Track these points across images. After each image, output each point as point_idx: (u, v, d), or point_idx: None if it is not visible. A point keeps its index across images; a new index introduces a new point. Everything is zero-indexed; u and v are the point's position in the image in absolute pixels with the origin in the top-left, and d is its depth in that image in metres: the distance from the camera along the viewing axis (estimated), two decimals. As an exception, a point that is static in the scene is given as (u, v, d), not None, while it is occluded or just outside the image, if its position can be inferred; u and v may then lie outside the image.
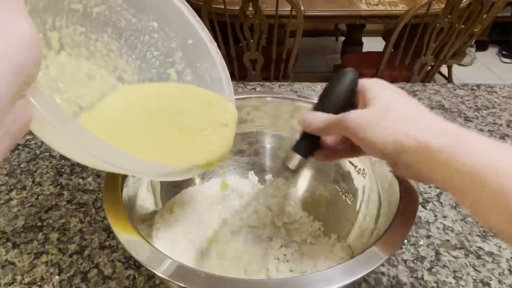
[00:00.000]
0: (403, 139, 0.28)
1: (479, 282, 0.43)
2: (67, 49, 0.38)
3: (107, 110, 0.39)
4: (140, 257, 0.31)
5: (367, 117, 0.29)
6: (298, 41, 1.46)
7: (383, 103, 0.30)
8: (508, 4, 1.82)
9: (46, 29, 0.35)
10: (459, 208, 0.53)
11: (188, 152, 0.38)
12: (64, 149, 0.30)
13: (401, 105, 0.30)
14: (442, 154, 0.26)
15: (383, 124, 0.29)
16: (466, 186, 0.26)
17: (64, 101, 0.36)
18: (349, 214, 0.47)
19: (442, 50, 1.60)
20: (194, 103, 0.43)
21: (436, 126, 0.28)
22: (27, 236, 0.48)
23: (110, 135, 0.36)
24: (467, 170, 0.25)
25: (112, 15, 0.41)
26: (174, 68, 0.45)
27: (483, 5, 1.49)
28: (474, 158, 0.25)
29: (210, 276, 0.30)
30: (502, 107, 0.76)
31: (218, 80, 0.44)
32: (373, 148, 0.29)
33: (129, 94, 0.42)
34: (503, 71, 2.66)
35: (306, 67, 2.57)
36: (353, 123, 0.30)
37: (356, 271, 0.30)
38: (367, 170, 0.46)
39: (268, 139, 0.55)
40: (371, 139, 0.29)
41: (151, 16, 0.42)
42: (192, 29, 0.43)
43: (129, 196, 0.39)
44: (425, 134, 0.27)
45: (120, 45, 0.42)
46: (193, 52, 0.44)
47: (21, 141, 0.65)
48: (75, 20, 0.38)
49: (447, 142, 0.26)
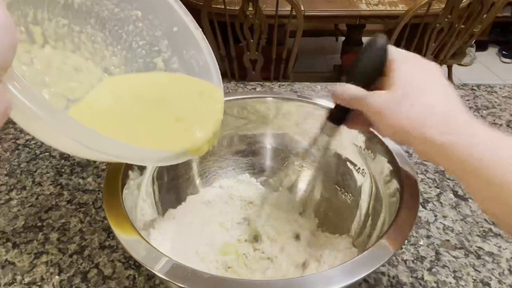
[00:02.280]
0: (411, 131, 0.29)
1: (479, 282, 0.43)
2: (51, 42, 0.37)
3: (95, 102, 0.39)
4: (140, 257, 0.31)
5: (384, 103, 0.30)
6: (298, 41, 1.46)
7: (403, 88, 0.30)
8: (508, 4, 1.82)
9: (28, 22, 0.34)
10: (459, 208, 0.53)
11: (178, 138, 0.38)
12: (50, 139, 0.29)
13: (419, 91, 0.30)
14: (444, 148, 0.28)
15: (396, 112, 0.30)
16: (468, 178, 0.28)
17: (51, 95, 0.36)
18: (349, 214, 0.47)
19: (442, 50, 1.60)
20: (183, 91, 0.43)
21: (443, 119, 0.29)
22: (27, 236, 0.48)
23: (99, 125, 0.36)
24: (468, 164, 0.27)
25: (94, 6, 0.40)
26: (160, 57, 0.44)
27: (483, 5, 1.49)
28: (475, 153, 0.27)
29: (212, 277, 0.30)
30: (502, 107, 0.76)
31: (205, 66, 0.44)
32: (387, 134, 0.31)
33: (116, 85, 0.42)
34: (503, 71, 2.66)
35: (306, 67, 2.56)
36: (372, 107, 0.31)
37: (357, 272, 0.30)
38: (367, 169, 0.46)
39: (268, 139, 0.55)
40: (384, 125, 0.31)
41: (134, 5, 0.42)
42: (177, 16, 0.42)
43: (128, 208, 0.39)
44: (429, 128, 0.28)
45: (105, 36, 0.42)
46: (179, 40, 0.43)
47: (21, 141, 0.65)
48: (57, 12, 0.37)
49: (448, 137, 0.28)
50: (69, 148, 0.30)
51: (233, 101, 0.51)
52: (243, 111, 0.52)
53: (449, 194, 0.55)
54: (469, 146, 0.27)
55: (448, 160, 0.28)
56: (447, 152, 0.28)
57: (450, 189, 0.56)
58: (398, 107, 0.30)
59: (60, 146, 0.31)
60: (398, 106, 0.30)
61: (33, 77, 0.35)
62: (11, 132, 0.67)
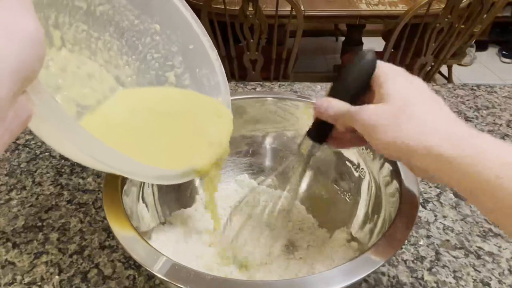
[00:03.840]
0: (412, 144, 0.27)
1: (479, 282, 0.43)
2: (68, 46, 0.38)
3: (110, 113, 0.40)
4: (139, 258, 0.31)
5: (379, 117, 0.29)
6: (298, 41, 1.46)
7: (397, 101, 0.29)
8: (508, 4, 1.82)
9: (49, 24, 0.35)
10: (459, 208, 0.53)
11: (186, 157, 0.38)
12: (62, 148, 0.29)
13: (415, 104, 0.29)
14: (449, 161, 0.26)
15: (394, 126, 0.28)
16: (477, 192, 0.26)
17: (63, 98, 0.36)
18: (348, 214, 0.47)
19: (442, 50, 1.60)
20: (194, 110, 0.43)
21: (447, 130, 0.27)
22: (27, 236, 0.48)
23: (112, 137, 0.37)
24: (476, 179, 0.25)
25: (115, 15, 0.41)
26: (173, 72, 0.45)
27: (483, 5, 1.49)
28: (482, 168, 0.25)
29: (215, 278, 0.30)
30: (502, 107, 0.76)
31: (216, 87, 0.45)
32: (383, 150, 0.29)
33: (131, 97, 0.42)
34: (503, 71, 2.66)
35: (306, 67, 2.56)
36: (365, 121, 0.29)
37: (357, 272, 0.30)
38: (366, 169, 0.46)
39: (268, 139, 0.55)
40: (380, 141, 0.29)
41: (154, 19, 0.42)
42: (194, 34, 0.43)
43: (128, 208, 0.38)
44: (434, 140, 0.27)
45: (121, 45, 0.42)
46: (193, 57, 0.44)
47: (21, 141, 0.65)
48: (78, 17, 0.38)
49: (455, 148, 0.26)
50: (74, 156, 0.31)
51: (233, 101, 0.51)
52: (243, 111, 0.52)
53: (449, 194, 0.55)
54: (476, 159, 0.25)
55: (453, 171, 0.26)
56: (453, 162, 0.26)
57: (450, 189, 0.56)
58: (395, 121, 0.28)
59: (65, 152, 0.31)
60: (395, 120, 0.28)
61: (47, 80, 0.35)
62: (11, 132, 0.67)
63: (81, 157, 0.29)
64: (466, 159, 0.25)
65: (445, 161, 0.26)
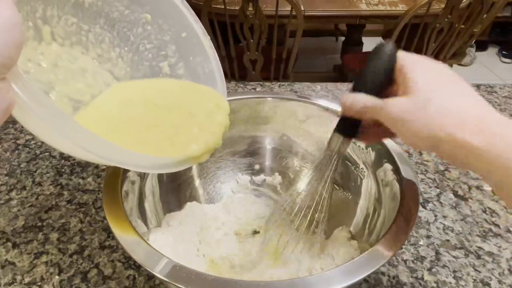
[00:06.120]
0: (440, 134, 0.27)
1: (479, 282, 0.43)
2: (59, 40, 0.37)
3: (104, 106, 0.39)
4: (140, 259, 0.31)
5: (405, 109, 0.29)
6: (298, 41, 1.46)
7: (424, 92, 0.29)
8: (508, 4, 1.82)
9: (36, 18, 0.34)
10: (459, 208, 0.53)
11: (182, 146, 0.38)
12: (49, 138, 0.29)
13: (442, 93, 0.28)
14: (477, 151, 0.26)
15: (421, 117, 0.28)
16: (508, 180, 0.26)
17: (57, 96, 0.36)
18: (349, 214, 0.47)
19: (442, 50, 1.60)
20: (189, 99, 0.42)
21: (475, 117, 0.27)
22: (27, 236, 0.48)
23: (108, 130, 0.36)
24: (504, 171, 0.25)
25: (105, 6, 0.40)
26: (166, 62, 0.44)
27: (483, 5, 1.49)
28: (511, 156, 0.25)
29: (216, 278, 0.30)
30: (502, 107, 0.76)
31: (210, 74, 0.44)
32: (411, 141, 0.29)
33: (126, 90, 0.42)
34: (503, 71, 2.66)
35: (306, 67, 2.56)
36: (391, 115, 0.29)
37: (357, 273, 0.30)
38: (366, 169, 0.46)
39: (268, 139, 0.55)
40: (408, 133, 0.29)
41: (144, 8, 0.41)
42: (186, 22, 0.42)
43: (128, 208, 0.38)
44: (462, 129, 0.26)
45: (113, 36, 0.42)
46: (187, 46, 0.43)
47: (21, 141, 0.65)
48: (67, 10, 0.37)
49: (483, 139, 0.26)
50: (67, 149, 0.30)
51: (233, 101, 0.51)
52: (243, 111, 0.52)
53: (449, 194, 0.55)
54: (505, 150, 0.25)
55: (482, 161, 0.26)
56: (481, 153, 0.26)
57: (450, 189, 0.56)
58: (423, 112, 0.28)
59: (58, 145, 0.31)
60: (423, 111, 0.28)
61: (39, 76, 0.35)
62: (11, 132, 0.67)
63: (69, 147, 0.29)
64: (494, 150, 0.25)
65: (473, 151, 0.26)
